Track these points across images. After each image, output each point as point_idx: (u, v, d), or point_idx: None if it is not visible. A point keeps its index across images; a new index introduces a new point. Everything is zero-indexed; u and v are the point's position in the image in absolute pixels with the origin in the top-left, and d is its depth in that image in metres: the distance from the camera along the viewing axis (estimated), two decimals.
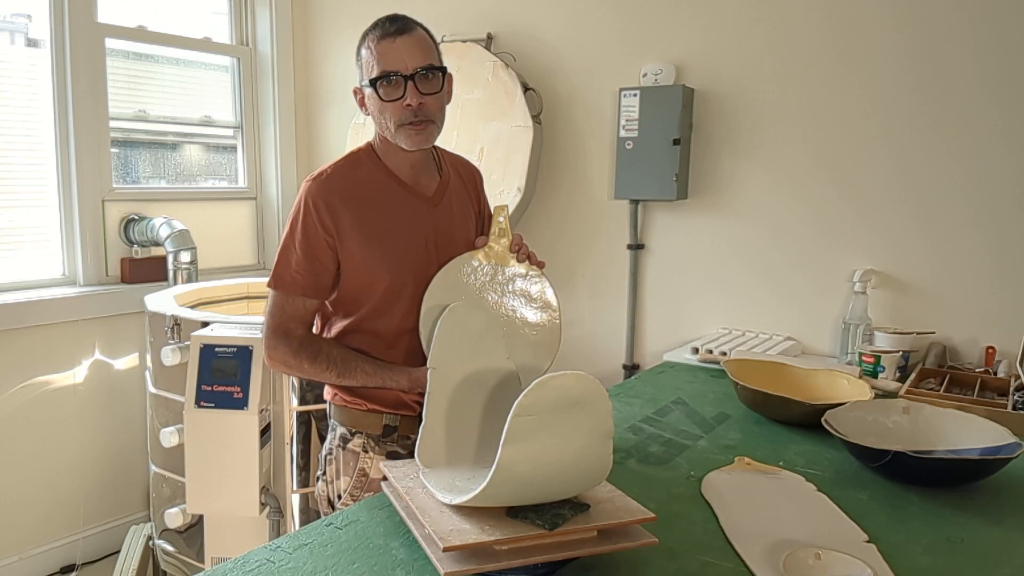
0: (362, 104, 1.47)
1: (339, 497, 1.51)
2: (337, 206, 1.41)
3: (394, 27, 1.37)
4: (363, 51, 1.41)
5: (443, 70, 1.41)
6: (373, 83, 1.38)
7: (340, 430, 1.52)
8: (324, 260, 1.42)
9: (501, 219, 1.49)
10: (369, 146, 1.50)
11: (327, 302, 1.48)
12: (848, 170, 2.34)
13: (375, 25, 1.40)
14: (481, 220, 1.64)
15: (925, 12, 2.19)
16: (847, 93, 2.32)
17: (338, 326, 1.48)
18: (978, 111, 2.15)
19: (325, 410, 1.59)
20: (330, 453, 1.54)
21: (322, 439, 1.97)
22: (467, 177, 1.62)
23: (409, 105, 1.37)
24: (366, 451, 1.49)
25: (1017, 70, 2.09)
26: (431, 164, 1.53)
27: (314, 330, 1.51)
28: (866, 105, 2.30)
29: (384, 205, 1.45)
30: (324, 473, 1.56)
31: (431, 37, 1.43)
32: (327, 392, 1.55)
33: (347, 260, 1.42)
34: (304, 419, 2.17)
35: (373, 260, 1.42)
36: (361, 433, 1.49)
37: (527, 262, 1.48)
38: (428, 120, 1.40)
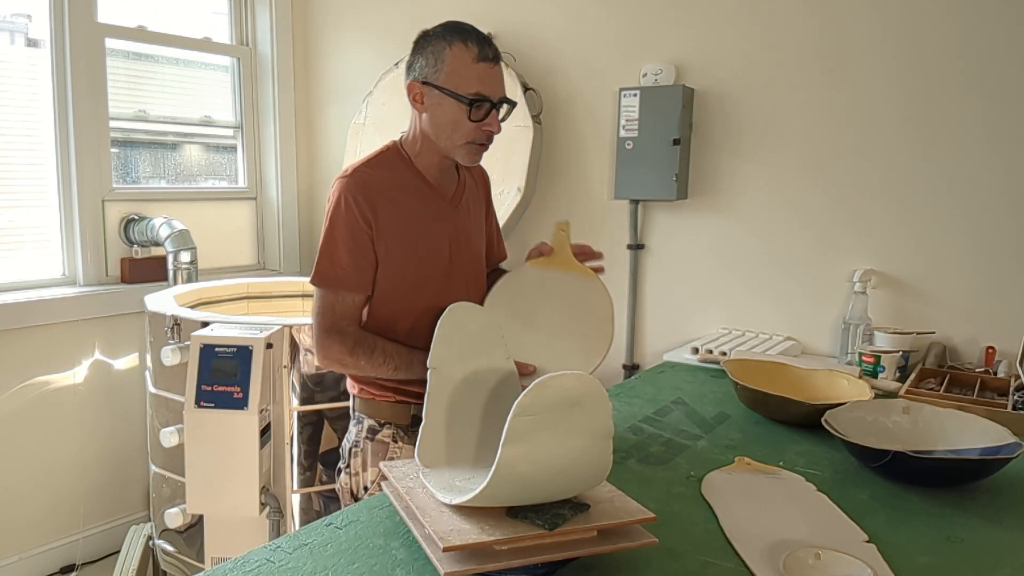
0: (417, 100, 1.47)
1: (365, 489, 1.55)
2: (375, 201, 1.45)
3: (491, 52, 1.43)
4: (448, 55, 1.42)
5: (513, 105, 1.49)
6: (472, 102, 1.41)
7: (368, 422, 1.55)
8: (367, 254, 1.45)
9: (563, 233, 1.58)
10: (396, 146, 1.53)
11: None
12: (848, 170, 2.34)
13: (466, 35, 1.42)
14: (488, 223, 1.70)
15: (926, 12, 2.19)
16: (848, 93, 2.32)
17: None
18: (978, 113, 2.15)
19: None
20: (356, 445, 1.56)
21: (339, 436, 1.99)
22: (479, 179, 1.68)
23: (489, 130, 1.44)
24: (396, 441, 1.53)
25: (1012, 74, 2.09)
26: (452, 167, 1.58)
27: None
28: (867, 105, 2.30)
29: (413, 204, 1.49)
30: (348, 466, 1.58)
31: None
32: (351, 387, 1.58)
33: (382, 254, 1.46)
34: (312, 419, 2.17)
35: (402, 257, 1.48)
36: (390, 424, 1.53)
37: (585, 265, 1.58)
38: (489, 144, 1.49)
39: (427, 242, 1.50)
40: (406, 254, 1.48)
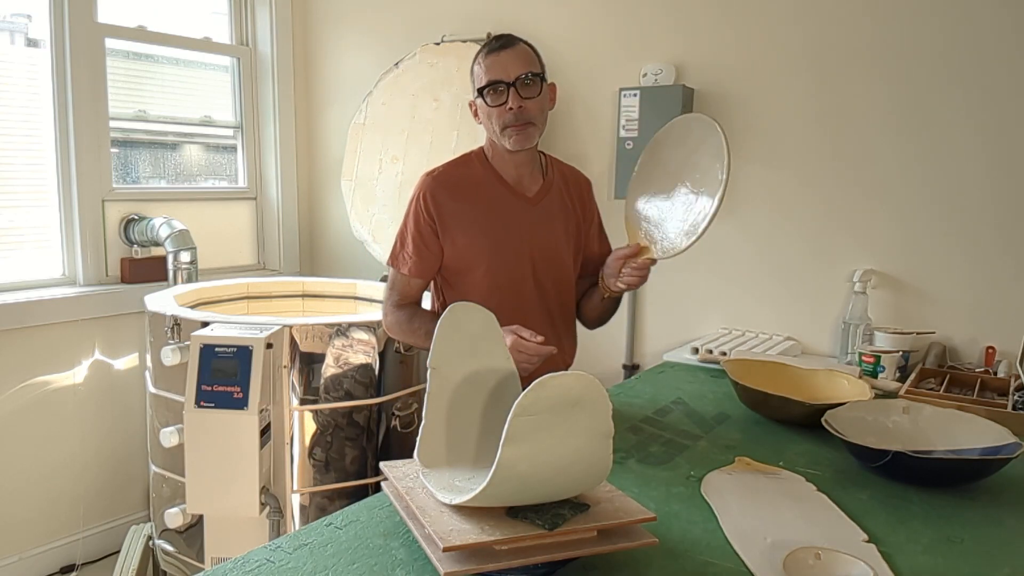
0: (475, 115, 1.65)
1: None
2: (442, 198, 1.63)
3: (499, 43, 1.58)
4: (475, 67, 1.61)
5: (542, 76, 1.60)
6: (481, 91, 1.58)
7: None
8: (431, 246, 1.65)
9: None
10: (481, 150, 1.71)
11: (433, 282, 1.72)
12: (848, 170, 2.34)
13: (484, 44, 1.61)
14: (588, 225, 1.80)
15: (924, 15, 2.19)
16: (847, 93, 2.32)
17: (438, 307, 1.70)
18: (978, 114, 2.15)
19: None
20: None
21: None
22: (573, 184, 1.79)
23: (511, 108, 1.55)
24: None
25: (1007, 75, 2.09)
26: (536, 168, 1.72)
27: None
28: (867, 105, 2.30)
29: (486, 200, 1.65)
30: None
31: (534, 51, 1.62)
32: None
33: (449, 246, 1.64)
34: (338, 416, 2.18)
35: (473, 247, 1.63)
36: None
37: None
38: (528, 122, 1.58)
39: (500, 234, 1.64)
40: (475, 244, 1.63)
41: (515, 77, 1.55)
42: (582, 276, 1.83)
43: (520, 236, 1.66)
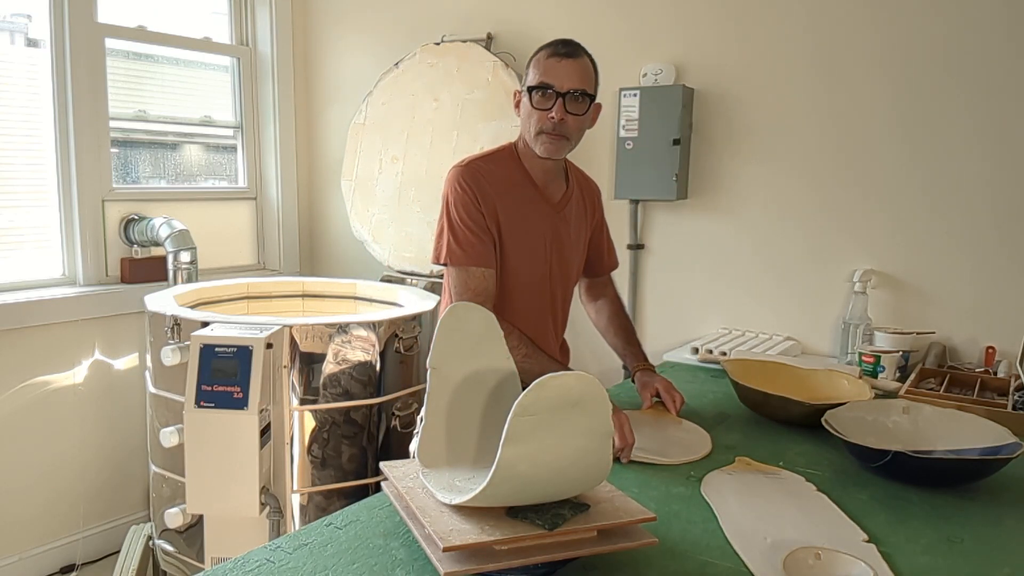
0: (516, 106, 1.63)
1: None
2: (487, 190, 1.57)
3: (565, 49, 1.55)
4: (532, 62, 1.57)
5: (592, 97, 1.57)
6: (530, 90, 1.55)
7: None
8: (487, 232, 1.57)
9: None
10: (511, 146, 1.67)
11: None
12: (848, 170, 2.34)
13: (551, 43, 1.57)
14: (599, 234, 1.82)
15: (924, 15, 2.19)
16: (848, 93, 2.32)
17: None
18: (977, 114, 2.15)
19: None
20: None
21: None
22: (588, 193, 1.79)
23: (552, 117, 1.53)
24: None
25: (1005, 76, 2.09)
26: (560, 174, 1.71)
27: None
28: (867, 105, 2.30)
29: (517, 200, 1.61)
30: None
31: (594, 68, 1.60)
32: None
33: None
34: (332, 416, 2.18)
35: (502, 244, 1.58)
36: None
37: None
38: (563, 136, 1.56)
39: (527, 239, 1.61)
40: (506, 246, 1.58)
41: (567, 89, 1.53)
42: (584, 275, 1.88)
43: (544, 240, 1.64)
